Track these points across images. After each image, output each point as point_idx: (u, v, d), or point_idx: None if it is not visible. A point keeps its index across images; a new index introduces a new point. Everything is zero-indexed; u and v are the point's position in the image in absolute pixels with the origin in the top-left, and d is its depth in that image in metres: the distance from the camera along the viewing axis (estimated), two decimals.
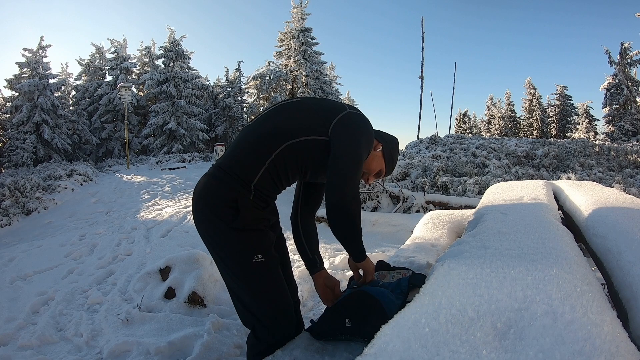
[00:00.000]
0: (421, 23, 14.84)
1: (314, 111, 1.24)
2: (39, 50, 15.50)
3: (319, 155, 1.22)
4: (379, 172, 1.39)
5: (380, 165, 1.37)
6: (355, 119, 1.23)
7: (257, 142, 1.22)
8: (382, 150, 1.36)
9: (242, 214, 1.20)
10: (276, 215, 1.41)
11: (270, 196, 1.29)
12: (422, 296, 0.76)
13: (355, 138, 1.19)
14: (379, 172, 1.39)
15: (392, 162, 1.41)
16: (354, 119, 1.23)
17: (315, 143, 1.21)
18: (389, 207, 4.99)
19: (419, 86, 14.25)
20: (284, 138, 1.20)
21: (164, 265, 2.69)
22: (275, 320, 1.25)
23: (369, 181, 1.40)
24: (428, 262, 1.76)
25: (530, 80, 28.32)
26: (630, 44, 17.64)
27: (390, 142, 1.40)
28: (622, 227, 1.14)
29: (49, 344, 2.15)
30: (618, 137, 16.48)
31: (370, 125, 1.28)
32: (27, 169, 12.75)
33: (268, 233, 1.27)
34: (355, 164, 1.17)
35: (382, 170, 1.39)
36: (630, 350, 0.55)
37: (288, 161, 1.22)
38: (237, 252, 1.20)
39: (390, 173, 1.43)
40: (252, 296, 1.23)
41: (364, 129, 1.23)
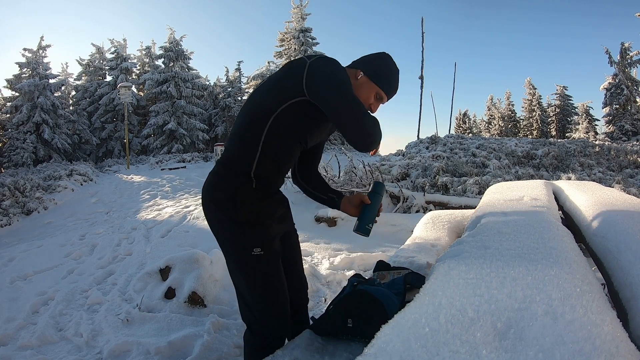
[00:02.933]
0: (421, 23, 14.84)
1: (282, 79, 1.19)
2: (39, 50, 15.51)
3: (305, 116, 1.19)
4: (377, 97, 1.27)
5: (370, 90, 1.25)
6: (320, 63, 1.14)
7: (244, 130, 1.21)
8: (365, 75, 1.24)
9: (242, 207, 1.20)
10: (284, 207, 1.37)
11: (275, 180, 1.28)
12: (422, 296, 0.76)
13: (332, 79, 1.11)
14: (377, 97, 1.27)
15: (385, 79, 1.26)
16: (319, 65, 1.14)
17: (296, 106, 1.16)
18: (389, 207, 4.99)
19: (419, 86, 14.25)
20: (266, 115, 1.17)
21: (164, 265, 2.69)
22: (268, 316, 1.25)
23: (373, 110, 1.29)
24: (428, 262, 1.76)
25: (530, 80, 28.33)
26: (630, 44, 17.65)
27: (370, 62, 1.26)
28: (622, 227, 1.14)
29: (49, 344, 2.15)
30: (618, 137, 16.48)
31: (335, 60, 1.18)
32: (27, 169, 12.75)
33: (270, 226, 1.26)
34: (351, 99, 1.11)
35: (380, 93, 1.27)
36: (630, 350, 0.55)
37: (280, 136, 1.20)
38: (237, 244, 1.21)
39: (393, 91, 1.29)
40: (249, 289, 1.24)
41: (333, 67, 1.15)
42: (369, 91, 1.24)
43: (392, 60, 1.29)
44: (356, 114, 1.11)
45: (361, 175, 5.41)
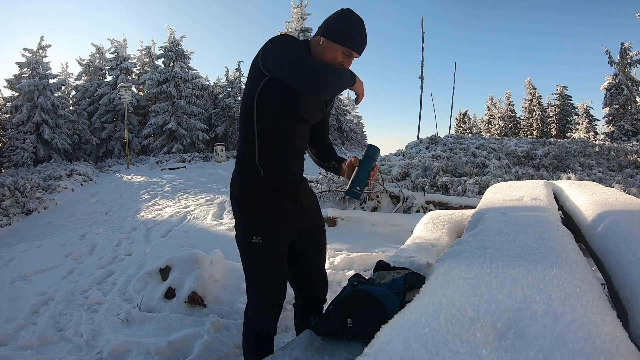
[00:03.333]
0: (421, 23, 14.83)
1: (250, 71, 1.29)
2: (39, 50, 15.50)
3: (279, 93, 1.24)
4: (345, 55, 1.27)
5: (334, 51, 1.26)
6: (267, 41, 1.24)
7: (241, 127, 1.33)
8: (325, 39, 1.26)
9: (251, 197, 1.29)
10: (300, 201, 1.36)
11: (283, 163, 1.31)
12: (422, 296, 0.76)
13: (274, 47, 1.20)
14: (345, 55, 1.27)
15: (345, 35, 1.25)
16: (267, 43, 1.24)
17: (267, 87, 1.24)
18: (389, 207, 4.99)
19: (419, 86, 14.25)
20: (250, 107, 1.27)
21: (164, 265, 2.69)
22: (258, 306, 1.33)
23: (346, 65, 1.29)
24: (428, 262, 1.76)
25: (530, 80, 28.34)
26: (630, 44, 17.65)
27: (328, 24, 1.28)
28: (622, 227, 1.14)
29: (49, 344, 2.15)
30: (618, 137, 16.48)
31: (283, 35, 1.26)
32: (27, 169, 12.75)
33: (276, 218, 1.29)
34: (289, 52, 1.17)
35: (345, 51, 1.26)
36: (630, 350, 0.55)
37: (269, 120, 1.27)
38: (242, 233, 1.30)
39: (357, 43, 1.27)
40: (247, 275, 1.33)
41: (277, 38, 1.23)
42: (333, 53, 1.26)
43: (351, 14, 1.28)
44: (293, 59, 1.15)
45: None
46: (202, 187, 8.39)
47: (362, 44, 1.30)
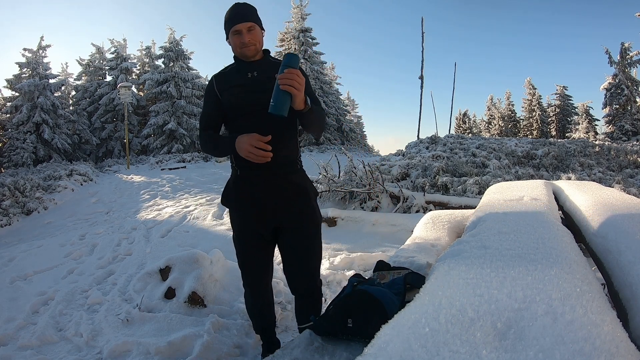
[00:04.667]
0: (421, 23, 14.84)
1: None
2: (39, 50, 15.51)
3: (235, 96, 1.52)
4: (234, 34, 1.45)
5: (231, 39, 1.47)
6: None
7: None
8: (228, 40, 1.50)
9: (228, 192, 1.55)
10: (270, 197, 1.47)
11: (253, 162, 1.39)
12: (422, 296, 0.76)
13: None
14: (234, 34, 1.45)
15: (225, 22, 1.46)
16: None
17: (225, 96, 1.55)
18: (389, 207, 4.99)
19: (419, 86, 14.25)
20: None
21: (164, 265, 2.69)
22: (243, 281, 1.65)
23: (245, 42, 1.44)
24: (428, 262, 1.76)
25: (530, 80, 28.35)
26: (630, 44, 17.65)
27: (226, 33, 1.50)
28: (622, 227, 1.13)
29: (49, 344, 2.15)
30: (618, 137, 16.48)
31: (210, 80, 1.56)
32: (27, 169, 12.75)
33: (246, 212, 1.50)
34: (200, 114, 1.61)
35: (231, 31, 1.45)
36: (630, 350, 0.55)
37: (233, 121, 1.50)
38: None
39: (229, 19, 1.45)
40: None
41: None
42: (232, 42, 1.47)
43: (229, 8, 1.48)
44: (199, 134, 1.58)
45: (361, 175, 5.41)
46: (202, 187, 8.39)
47: (234, 15, 1.43)
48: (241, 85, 1.46)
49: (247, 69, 1.48)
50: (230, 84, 1.48)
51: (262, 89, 1.43)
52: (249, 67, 1.48)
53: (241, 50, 1.45)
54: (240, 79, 1.47)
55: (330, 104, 18.84)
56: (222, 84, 1.49)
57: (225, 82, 1.49)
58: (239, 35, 1.43)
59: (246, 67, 1.48)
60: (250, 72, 1.47)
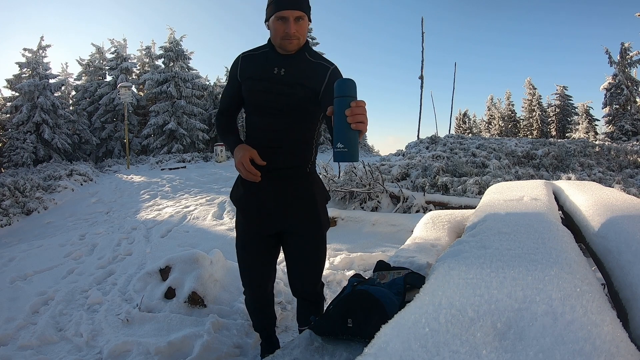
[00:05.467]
0: (421, 23, 14.84)
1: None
2: (39, 50, 15.51)
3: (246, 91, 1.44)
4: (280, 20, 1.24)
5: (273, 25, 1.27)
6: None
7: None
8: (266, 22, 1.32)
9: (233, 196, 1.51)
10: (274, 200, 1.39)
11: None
12: (422, 296, 0.76)
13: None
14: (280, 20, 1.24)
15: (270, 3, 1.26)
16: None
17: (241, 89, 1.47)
18: (389, 207, 4.99)
19: (419, 86, 14.26)
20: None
21: (164, 265, 2.69)
22: (242, 281, 1.59)
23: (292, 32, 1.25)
24: (428, 262, 1.76)
25: (530, 80, 28.35)
26: (630, 44, 17.66)
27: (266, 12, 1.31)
28: (622, 227, 1.13)
29: (49, 344, 2.15)
30: (618, 137, 16.49)
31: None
32: (27, 169, 12.75)
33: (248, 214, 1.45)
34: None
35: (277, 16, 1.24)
36: (630, 350, 0.55)
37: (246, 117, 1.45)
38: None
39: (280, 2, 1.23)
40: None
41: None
42: (273, 27, 1.28)
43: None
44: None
45: (361, 175, 5.41)
46: (202, 187, 8.39)
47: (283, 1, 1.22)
48: (264, 80, 1.32)
49: (276, 62, 1.32)
50: (253, 73, 1.33)
51: (286, 91, 1.31)
52: (279, 60, 1.32)
53: (281, 42, 1.27)
54: (265, 72, 1.32)
55: None
56: (246, 70, 1.35)
57: (249, 69, 1.34)
58: (284, 22, 1.23)
59: (276, 59, 1.32)
60: (278, 68, 1.31)
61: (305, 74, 1.32)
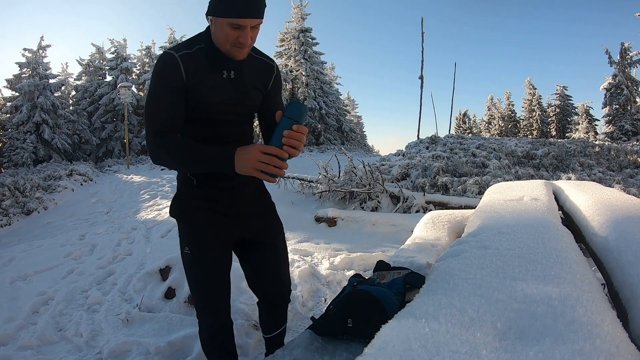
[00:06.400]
0: (421, 23, 14.84)
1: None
2: (39, 50, 15.51)
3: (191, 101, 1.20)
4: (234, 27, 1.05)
5: (221, 27, 1.06)
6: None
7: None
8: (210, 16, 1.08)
9: (179, 209, 1.29)
10: (231, 210, 1.27)
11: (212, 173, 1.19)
12: (422, 296, 0.76)
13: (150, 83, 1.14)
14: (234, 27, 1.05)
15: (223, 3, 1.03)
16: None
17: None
18: (389, 207, 4.99)
19: (419, 86, 14.26)
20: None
21: (164, 265, 2.69)
22: (199, 310, 1.34)
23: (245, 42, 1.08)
24: (428, 262, 1.76)
25: (530, 80, 28.37)
26: (630, 44, 17.66)
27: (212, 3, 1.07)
28: (622, 227, 1.13)
29: (49, 344, 2.15)
30: (618, 137, 16.49)
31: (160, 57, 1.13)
32: (27, 169, 12.75)
33: (203, 229, 1.24)
34: (148, 102, 1.12)
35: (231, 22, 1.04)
36: (630, 350, 0.55)
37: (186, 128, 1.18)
38: (179, 243, 1.31)
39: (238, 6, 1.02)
40: (188, 282, 1.34)
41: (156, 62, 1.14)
42: (222, 29, 1.06)
43: None
44: (145, 121, 1.13)
45: (361, 175, 5.41)
46: None
47: (248, 5, 1.02)
48: (214, 87, 1.14)
49: (223, 65, 1.14)
50: (201, 78, 1.12)
51: (241, 97, 1.19)
52: (226, 62, 1.14)
53: (231, 48, 1.09)
54: (213, 77, 1.14)
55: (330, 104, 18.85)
56: (192, 73, 1.11)
57: (195, 72, 1.11)
58: (240, 31, 1.06)
59: (223, 62, 1.14)
60: (227, 71, 1.15)
61: (255, 74, 1.21)
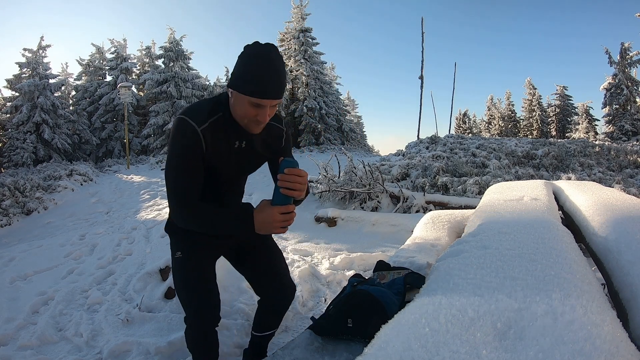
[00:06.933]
0: (421, 23, 14.84)
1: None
2: (39, 50, 15.50)
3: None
4: (254, 105, 1.09)
5: (242, 102, 1.10)
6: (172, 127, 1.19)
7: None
8: (232, 89, 1.11)
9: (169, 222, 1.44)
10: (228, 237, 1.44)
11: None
12: (422, 296, 0.76)
13: (169, 146, 1.19)
14: (254, 105, 1.09)
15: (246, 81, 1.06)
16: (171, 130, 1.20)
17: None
18: (389, 207, 4.99)
19: (419, 86, 14.25)
20: None
21: (164, 265, 2.69)
22: (187, 310, 1.36)
23: (263, 120, 1.13)
24: (428, 262, 1.76)
25: (530, 80, 28.36)
26: (630, 44, 17.65)
27: (233, 71, 1.12)
28: (622, 227, 1.13)
29: (49, 344, 2.15)
30: (618, 137, 16.49)
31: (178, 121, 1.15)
32: (27, 169, 12.75)
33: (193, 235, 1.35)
34: (171, 171, 1.18)
35: (252, 101, 1.08)
36: (630, 350, 0.55)
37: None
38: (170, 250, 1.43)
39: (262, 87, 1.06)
40: (176, 287, 1.39)
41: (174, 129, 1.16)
42: (242, 105, 1.10)
43: (253, 50, 1.07)
44: (170, 185, 1.21)
45: (361, 175, 5.41)
46: None
47: (269, 87, 1.06)
48: (224, 156, 1.22)
49: (238, 135, 1.22)
50: (216, 150, 1.19)
51: (245, 164, 1.31)
52: (241, 134, 1.22)
53: (248, 123, 1.14)
54: (226, 145, 1.21)
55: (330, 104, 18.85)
56: (210, 145, 1.17)
57: (213, 145, 1.18)
58: (259, 109, 1.10)
59: (238, 133, 1.21)
60: (239, 141, 1.23)
61: (265, 143, 1.31)
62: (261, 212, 1.09)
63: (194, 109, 1.18)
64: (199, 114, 1.15)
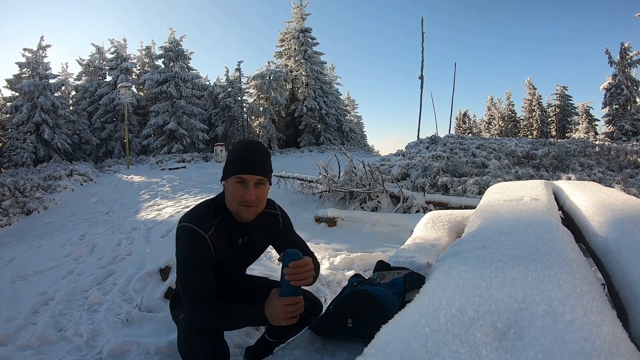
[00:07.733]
0: (421, 23, 14.84)
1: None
2: (39, 50, 15.52)
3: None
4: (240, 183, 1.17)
5: (230, 187, 1.18)
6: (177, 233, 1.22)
7: None
8: (223, 180, 1.23)
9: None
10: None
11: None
12: (422, 296, 0.76)
13: (178, 254, 1.21)
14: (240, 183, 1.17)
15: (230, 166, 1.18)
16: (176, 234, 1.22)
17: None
18: (389, 207, 4.99)
19: (419, 86, 14.26)
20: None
21: (164, 265, 2.69)
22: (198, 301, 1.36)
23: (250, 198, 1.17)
24: (428, 262, 1.76)
25: (530, 81, 28.38)
26: (630, 44, 17.67)
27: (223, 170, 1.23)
28: (622, 227, 1.13)
29: (49, 344, 2.15)
30: (618, 137, 16.50)
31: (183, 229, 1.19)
32: (27, 169, 12.75)
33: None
34: (183, 279, 1.20)
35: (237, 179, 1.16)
36: (630, 350, 0.55)
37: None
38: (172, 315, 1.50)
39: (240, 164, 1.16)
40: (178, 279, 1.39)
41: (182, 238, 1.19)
42: (230, 189, 1.18)
43: (237, 144, 1.22)
44: (181, 286, 1.21)
45: (361, 175, 5.41)
46: (202, 187, 8.39)
47: (249, 163, 1.16)
48: (229, 254, 1.27)
49: (239, 233, 1.27)
50: (222, 249, 1.24)
51: (250, 253, 1.37)
52: (242, 230, 1.27)
53: (238, 208, 1.18)
54: (230, 245, 1.26)
55: (330, 104, 18.85)
56: (217, 248, 1.22)
57: (219, 247, 1.23)
58: (243, 186, 1.16)
59: (239, 230, 1.27)
60: (242, 237, 1.28)
61: (263, 233, 1.35)
62: (269, 305, 1.11)
63: (198, 215, 1.21)
64: (204, 220, 1.20)
